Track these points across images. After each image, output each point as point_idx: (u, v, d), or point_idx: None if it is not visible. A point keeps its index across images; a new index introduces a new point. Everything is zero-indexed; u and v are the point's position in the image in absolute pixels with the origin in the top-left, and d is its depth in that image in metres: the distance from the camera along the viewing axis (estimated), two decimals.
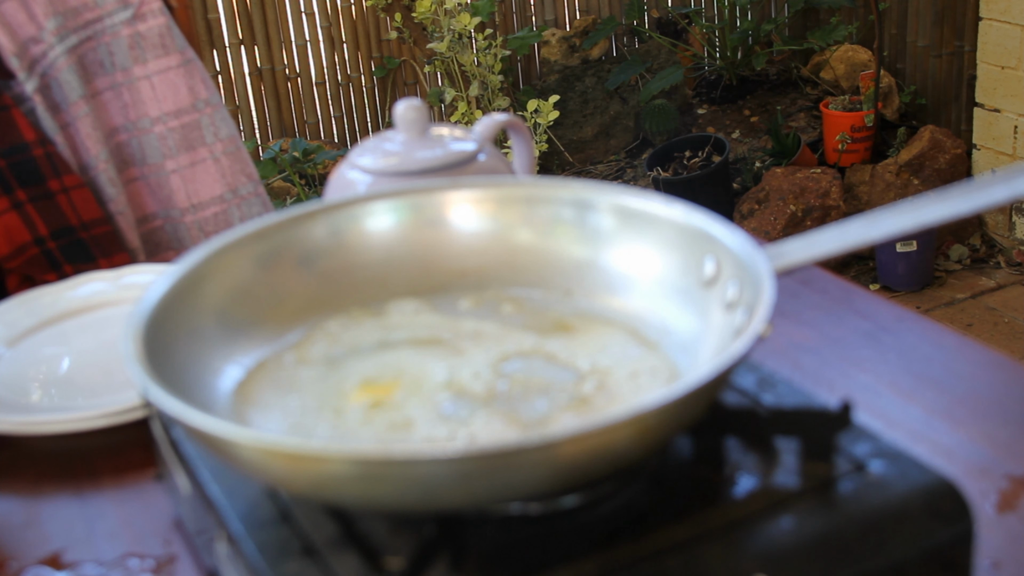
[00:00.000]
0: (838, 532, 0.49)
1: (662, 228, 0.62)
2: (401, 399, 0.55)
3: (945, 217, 0.58)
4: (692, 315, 0.59)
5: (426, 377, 0.57)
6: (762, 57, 3.29)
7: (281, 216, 0.65)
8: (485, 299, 0.65)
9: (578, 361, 0.58)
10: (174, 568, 0.62)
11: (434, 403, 0.55)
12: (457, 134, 0.86)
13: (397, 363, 0.59)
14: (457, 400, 0.55)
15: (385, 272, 0.66)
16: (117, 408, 0.75)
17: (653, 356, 0.58)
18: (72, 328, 0.90)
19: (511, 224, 0.66)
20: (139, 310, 0.55)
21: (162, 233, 1.24)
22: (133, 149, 1.21)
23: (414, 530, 0.49)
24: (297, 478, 0.47)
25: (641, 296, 0.62)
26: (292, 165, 2.90)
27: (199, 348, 0.58)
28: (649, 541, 0.48)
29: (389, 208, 0.67)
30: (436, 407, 0.54)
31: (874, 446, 0.53)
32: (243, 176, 1.25)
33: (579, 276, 0.65)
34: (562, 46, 3.30)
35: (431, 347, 0.60)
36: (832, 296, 0.84)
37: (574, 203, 0.65)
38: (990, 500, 0.61)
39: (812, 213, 2.94)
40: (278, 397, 0.57)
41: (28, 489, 0.71)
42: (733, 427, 0.55)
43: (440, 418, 0.53)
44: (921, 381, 0.73)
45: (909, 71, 3.30)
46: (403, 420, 0.54)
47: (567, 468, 0.45)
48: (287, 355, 0.61)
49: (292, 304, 0.63)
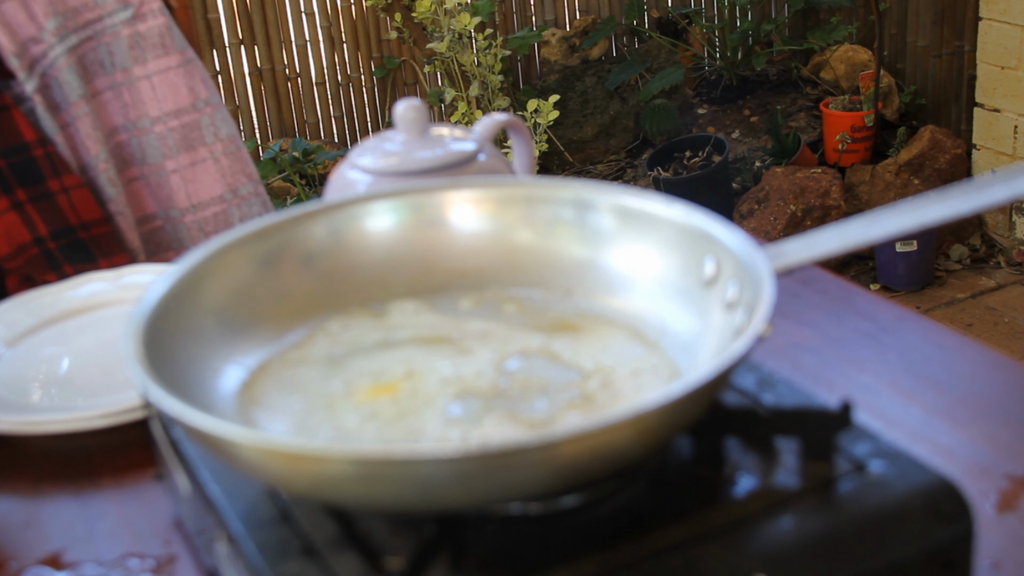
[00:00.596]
0: (838, 532, 0.49)
1: (662, 228, 0.62)
2: (407, 399, 0.55)
3: (945, 217, 0.57)
4: (692, 315, 0.59)
5: (432, 376, 0.57)
6: (762, 57, 3.29)
7: (281, 216, 0.65)
8: (485, 299, 0.65)
9: (582, 360, 0.58)
10: (174, 568, 0.62)
11: (441, 402, 0.55)
12: (457, 134, 0.86)
13: (401, 362, 0.59)
14: (464, 399, 0.55)
15: (385, 272, 0.66)
16: (117, 408, 0.75)
17: (655, 355, 0.58)
18: (72, 328, 0.90)
19: (511, 224, 0.66)
20: (139, 310, 0.55)
21: (162, 233, 1.24)
22: (133, 149, 1.21)
23: (414, 530, 0.49)
24: (297, 478, 0.46)
25: (641, 296, 0.62)
26: (292, 165, 2.90)
27: (199, 348, 0.58)
28: (649, 541, 0.48)
29: (389, 208, 0.67)
30: (443, 407, 0.54)
31: (874, 446, 0.53)
32: (243, 176, 1.25)
33: (579, 276, 0.64)
34: (562, 46, 3.30)
35: (434, 346, 0.60)
36: (832, 296, 0.84)
37: (574, 203, 0.65)
38: (990, 500, 0.61)
39: (812, 213, 2.94)
40: (284, 397, 0.57)
41: (28, 489, 0.71)
42: (733, 427, 0.55)
43: (448, 418, 0.53)
44: (921, 381, 0.73)
45: (909, 71, 3.30)
46: (410, 419, 0.54)
47: (567, 468, 0.45)
48: (290, 355, 0.61)
49: (292, 304, 0.63)
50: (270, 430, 0.55)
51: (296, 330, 0.63)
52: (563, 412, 0.53)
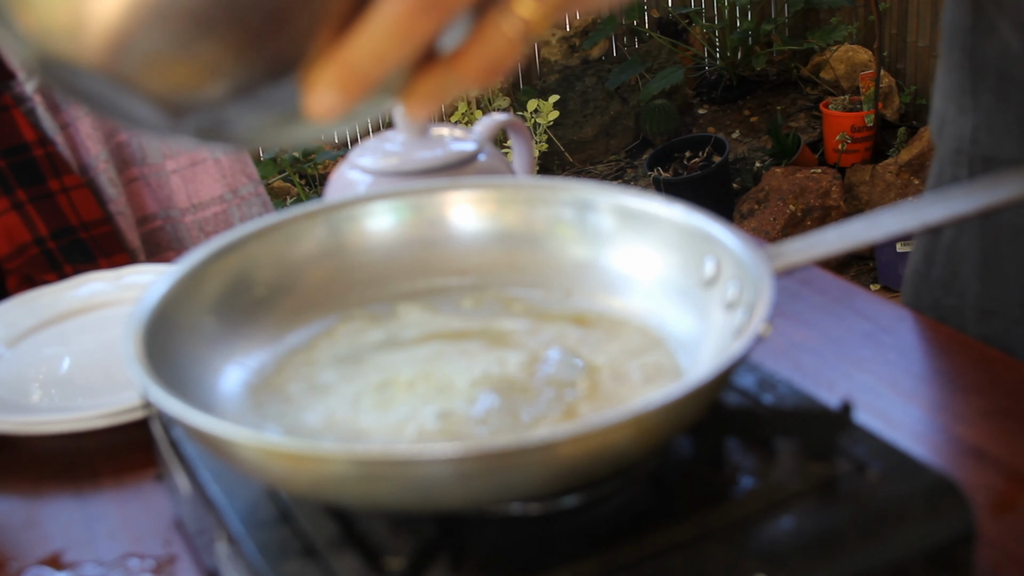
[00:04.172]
0: (838, 532, 0.49)
1: (662, 228, 0.62)
2: (424, 397, 0.55)
3: (945, 217, 0.58)
4: (692, 315, 0.59)
5: (443, 374, 0.57)
6: (762, 57, 3.29)
7: (281, 216, 0.65)
8: (486, 299, 0.65)
9: (596, 357, 0.58)
10: (174, 568, 0.62)
11: (459, 400, 0.55)
12: (457, 134, 0.86)
13: (412, 361, 0.59)
14: (481, 397, 0.55)
15: (385, 272, 0.66)
16: (117, 408, 0.75)
17: (659, 352, 0.58)
18: (72, 328, 0.90)
19: (511, 224, 0.66)
20: (139, 310, 0.55)
21: (162, 233, 1.24)
22: (133, 149, 1.21)
23: (414, 530, 0.49)
24: (297, 478, 0.46)
25: (641, 296, 0.62)
26: (292, 165, 2.90)
27: (199, 348, 0.58)
28: (649, 541, 0.48)
29: (389, 208, 0.67)
30: (460, 404, 0.54)
31: (874, 446, 0.53)
32: (243, 176, 1.26)
33: (579, 276, 0.65)
34: (562, 46, 3.30)
35: (438, 346, 0.60)
36: (832, 296, 0.84)
37: (574, 203, 0.65)
38: (990, 500, 0.61)
39: (812, 213, 2.94)
40: (301, 397, 0.57)
41: (28, 489, 0.71)
42: (733, 427, 0.55)
43: (465, 413, 0.54)
44: (921, 381, 0.73)
45: (909, 71, 3.30)
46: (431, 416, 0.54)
47: (567, 468, 0.45)
48: (296, 357, 0.61)
49: (292, 304, 0.63)
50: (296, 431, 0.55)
51: (296, 330, 0.63)
52: (573, 406, 0.54)
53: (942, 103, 0.85)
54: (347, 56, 0.41)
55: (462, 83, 0.44)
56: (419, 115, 0.45)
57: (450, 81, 0.44)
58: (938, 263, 0.87)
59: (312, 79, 0.42)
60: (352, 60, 0.41)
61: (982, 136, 0.80)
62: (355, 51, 0.41)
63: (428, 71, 0.44)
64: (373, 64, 0.41)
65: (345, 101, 0.42)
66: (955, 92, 0.82)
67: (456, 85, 0.44)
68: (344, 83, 0.41)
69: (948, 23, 0.82)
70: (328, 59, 0.41)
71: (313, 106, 0.42)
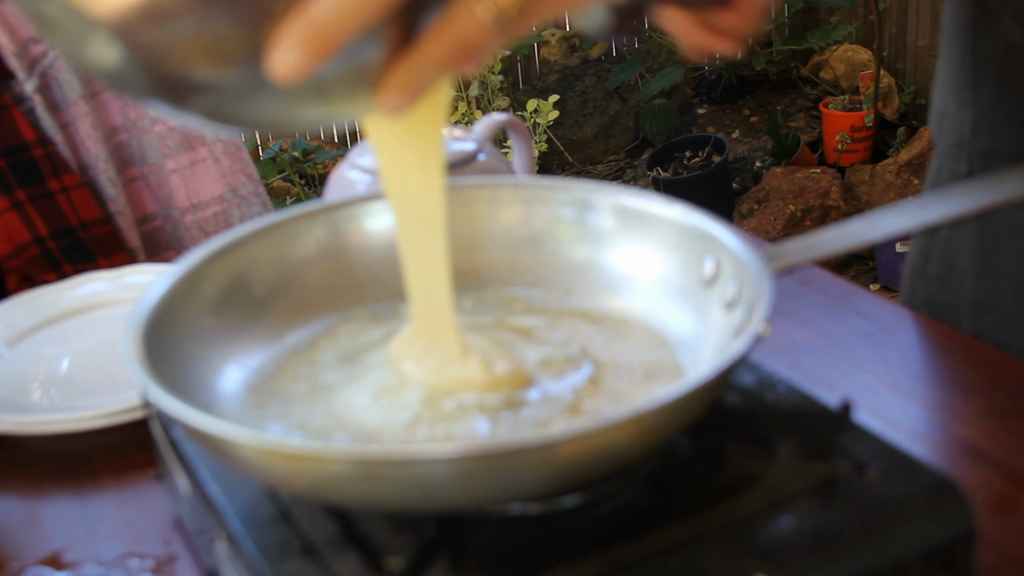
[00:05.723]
0: (838, 532, 0.49)
1: (662, 228, 0.62)
2: (425, 396, 0.55)
3: (945, 217, 0.58)
4: (692, 315, 0.59)
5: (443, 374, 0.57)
6: (762, 57, 3.29)
7: (281, 216, 0.65)
8: (486, 299, 0.65)
9: (601, 355, 0.58)
10: (174, 568, 0.62)
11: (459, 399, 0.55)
12: (457, 134, 0.86)
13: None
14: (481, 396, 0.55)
15: (385, 272, 0.66)
16: (117, 408, 0.75)
17: (661, 351, 0.59)
18: (72, 328, 0.90)
19: (511, 224, 0.66)
20: (139, 310, 0.55)
21: (162, 233, 1.24)
22: (133, 149, 1.21)
23: (414, 530, 0.49)
24: (297, 478, 0.47)
25: (641, 296, 0.62)
26: (292, 165, 2.90)
27: (199, 348, 0.58)
28: (649, 541, 0.48)
29: (389, 208, 0.67)
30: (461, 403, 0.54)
31: (874, 446, 0.53)
32: (243, 176, 1.25)
33: (579, 276, 0.65)
34: (562, 46, 3.30)
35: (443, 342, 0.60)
36: (832, 296, 0.84)
37: (574, 203, 0.65)
38: (990, 500, 0.61)
39: (812, 213, 2.94)
40: (303, 397, 0.57)
41: (28, 489, 0.71)
42: (733, 427, 0.55)
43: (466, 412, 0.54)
44: (921, 381, 0.73)
45: (909, 71, 3.30)
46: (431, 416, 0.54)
47: (567, 468, 0.45)
48: (297, 357, 0.61)
49: (292, 304, 0.63)
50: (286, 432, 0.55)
51: (297, 330, 0.63)
52: (577, 403, 0.54)
53: (942, 98, 0.85)
54: (311, 14, 0.40)
55: (434, 67, 0.43)
56: (394, 106, 0.43)
57: (423, 66, 0.42)
58: (935, 259, 0.87)
59: (275, 38, 0.40)
60: (316, 18, 0.40)
61: (983, 130, 0.80)
62: (319, 9, 0.40)
63: (399, 58, 0.43)
64: (338, 23, 0.40)
65: (309, 62, 0.40)
66: (956, 87, 0.82)
67: (429, 71, 0.43)
68: (308, 42, 0.40)
69: (950, 17, 0.82)
70: (292, 17, 0.40)
71: (275, 66, 0.40)
